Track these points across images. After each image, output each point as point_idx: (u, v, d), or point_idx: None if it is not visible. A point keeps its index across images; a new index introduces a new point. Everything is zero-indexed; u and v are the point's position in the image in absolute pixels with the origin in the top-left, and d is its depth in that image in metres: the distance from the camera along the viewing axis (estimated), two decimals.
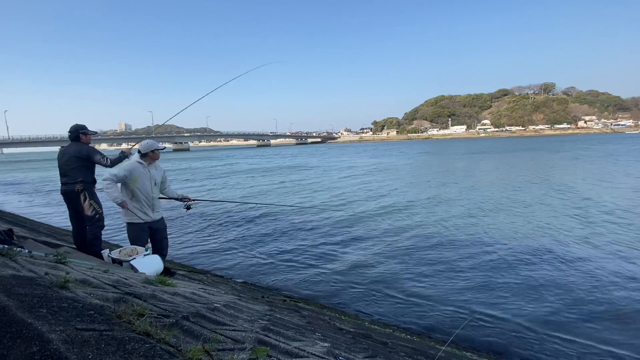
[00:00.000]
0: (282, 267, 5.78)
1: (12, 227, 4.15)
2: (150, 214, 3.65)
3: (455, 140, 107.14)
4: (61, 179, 3.93)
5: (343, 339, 2.53)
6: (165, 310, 1.57)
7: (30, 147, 78.01)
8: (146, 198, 3.58)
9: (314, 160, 36.07)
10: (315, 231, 7.96)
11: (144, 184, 3.55)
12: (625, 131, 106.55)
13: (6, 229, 3.46)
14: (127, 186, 3.53)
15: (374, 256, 6.19)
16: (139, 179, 3.51)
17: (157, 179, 3.71)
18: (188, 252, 6.65)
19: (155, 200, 3.69)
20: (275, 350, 1.48)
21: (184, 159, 49.16)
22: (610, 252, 6.00)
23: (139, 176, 3.51)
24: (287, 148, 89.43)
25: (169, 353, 1.05)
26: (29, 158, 78.85)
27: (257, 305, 2.81)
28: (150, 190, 3.61)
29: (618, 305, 4.20)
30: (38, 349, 0.84)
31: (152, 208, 3.66)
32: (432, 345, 3.37)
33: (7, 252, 1.83)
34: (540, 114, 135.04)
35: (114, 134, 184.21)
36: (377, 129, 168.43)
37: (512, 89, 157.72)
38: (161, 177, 3.79)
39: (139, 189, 3.53)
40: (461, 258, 5.94)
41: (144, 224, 3.61)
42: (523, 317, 4.01)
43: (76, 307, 1.20)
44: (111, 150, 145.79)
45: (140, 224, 3.60)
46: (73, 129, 3.97)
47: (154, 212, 3.69)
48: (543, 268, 5.41)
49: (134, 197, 3.54)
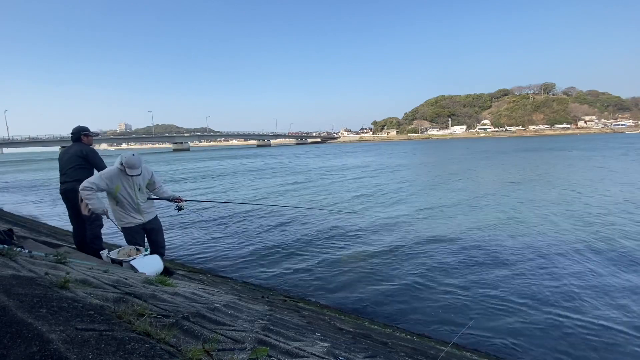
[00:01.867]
0: (282, 267, 5.78)
1: (12, 227, 4.16)
2: (139, 216, 3.61)
3: (456, 140, 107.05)
4: (60, 178, 3.95)
5: (343, 339, 2.53)
6: (165, 310, 1.57)
7: (30, 147, 77.98)
8: (130, 203, 3.54)
9: (316, 161, 36.06)
10: (315, 231, 7.96)
11: (126, 191, 3.50)
12: (625, 131, 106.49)
13: (6, 229, 3.46)
14: (110, 194, 3.49)
15: (374, 257, 6.18)
16: (120, 186, 3.46)
17: (142, 183, 3.63)
18: (188, 252, 6.65)
19: (141, 204, 3.62)
20: (275, 350, 1.48)
21: (184, 159, 49.15)
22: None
23: (120, 184, 3.46)
24: (287, 148, 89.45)
25: (169, 353, 1.05)
26: (29, 158, 78.84)
27: (257, 305, 2.81)
28: (134, 196, 3.55)
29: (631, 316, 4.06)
30: (38, 349, 0.84)
31: (138, 212, 3.61)
32: (432, 345, 3.37)
33: (7, 252, 1.83)
34: (540, 114, 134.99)
35: (114, 134, 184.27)
36: (377, 129, 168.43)
37: (512, 89, 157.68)
38: (148, 179, 3.71)
39: (122, 196, 3.48)
40: (466, 260, 5.93)
41: (136, 226, 3.59)
42: (526, 320, 4.01)
43: (76, 307, 1.20)
44: (111, 150, 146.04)
45: (133, 227, 3.57)
46: (75, 130, 4.08)
47: (142, 215, 3.64)
48: (552, 272, 5.40)
49: (118, 203, 3.52)
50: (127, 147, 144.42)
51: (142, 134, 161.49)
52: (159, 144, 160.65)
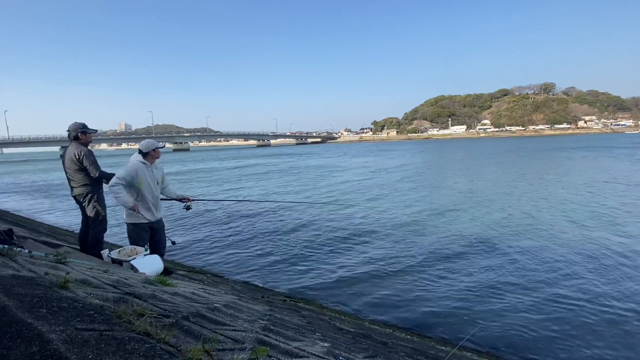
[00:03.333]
0: (283, 267, 5.77)
1: (12, 227, 4.16)
2: (155, 213, 3.69)
3: (456, 140, 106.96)
4: (68, 182, 3.89)
5: (343, 339, 2.53)
6: (165, 310, 1.57)
7: (30, 147, 77.97)
8: (152, 198, 3.61)
9: (317, 161, 36.04)
10: (315, 231, 7.96)
11: (149, 184, 3.58)
12: (625, 131, 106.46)
13: (6, 229, 3.46)
14: (133, 187, 3.53)
15: (375, 257, 6.18)
16: (144, 179, 3.53)
17: (159, 178, 3.75)
18: (188, 252, 6.65)
19: (158, 199, 3.72)
20: (275, 350, 1.48)
21: (183, 160, 49.11)
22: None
23: (144, 177, 3.53)
24: (288, 148, 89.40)
25: (169, 353, 1.05)
26: (29, 158, 78.79)
27: (257, 305, 2.81)
28: (155, 190, 3.65)
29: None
30: (38, 349, 0.84)
31: (156, 207, 3.70)
32: (433, 345, 3.37)
33: (7, 252, 1.82)
34: (540, 114, 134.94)
35: (114, 134, 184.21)
36: (377, 129, 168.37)
37: (512, 89, 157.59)
38: (161, 176, 3.81)
39: (145, 190, 3.54)
40: (469, 261, 5.93)
41: (146, 224, 3.62)
42: (530, 322, 4.01)
43: (76, 307, 1.20)
44: (111, 150, 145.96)
45: (143, 224, 3.61)
46: (72, 128, 3.75)
47: (157, 212, 3.72)
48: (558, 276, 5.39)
49: (139, 197, 3.55)
50: (127, 147, 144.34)
51: (142, 134, 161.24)
52: (159, 142, 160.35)
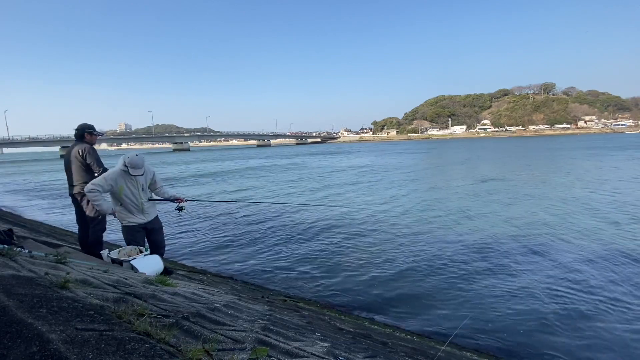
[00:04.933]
0: (282, 267, 5.78)
1: (12, 227, 4.16)
2: (142, 216, 3.62)
3: (456, 140, 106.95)
4: (68, 181, 3.90)
5: (343, 339, 2.53)
6: (165, 310, 1.57)
7: (30, 147, 77.98)
8: (134, 204, 3.55)
9: (320, 161, 36.05)
10: (315, 231, 7.96)
11: (130, 191, 3.50)
12: (625, 131, 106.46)
13: (6, 229, 3.47)
14: (114, 195, 3.50)
15: (374, 257, 6.18)
16: (124, 187, 3.47)
17: (145, 183, 3.64)
18: (188, 252, 6.65)
19: (144, 204, 3.64)
20: (275, 350, 1.48)
21: (183, 161, 49.11)
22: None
23: (124, 184, 3.47)
24: (288, 148, 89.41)
25: (169, 353, 1.05)
26: (29, 158, 78.82)
27: (257, 305, 2.81)
28: (138, 196, 3.56)
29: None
30: (38, 349, 0.85)
31: (142, 212, 3.62)
32: (432, 345, 3.37)
33: (7, 252, 1.83)
34: (540, 114, 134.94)
35: (114, 134, 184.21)
36: (377, 129, 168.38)
37: (512, 89, 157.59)
38: (150, 179, 3.72)
39: (126, 196, 3.49)
40: (465, 260, 5.93)
41: (137, 226, 3.60)
42: (524, 318, 4.01)
43: (76, 307, 1.20)
44: (111, 150, 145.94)
45: (134, 226, 3.58)
46: (80, 127, 3.90)
47: (145, 215, 3.65)
48: (547, 271, 5.41)
49: (122, 204, 3.53)
50: (127, 147, 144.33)
51: (142, 134, 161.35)
52: (159, 144, 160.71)
